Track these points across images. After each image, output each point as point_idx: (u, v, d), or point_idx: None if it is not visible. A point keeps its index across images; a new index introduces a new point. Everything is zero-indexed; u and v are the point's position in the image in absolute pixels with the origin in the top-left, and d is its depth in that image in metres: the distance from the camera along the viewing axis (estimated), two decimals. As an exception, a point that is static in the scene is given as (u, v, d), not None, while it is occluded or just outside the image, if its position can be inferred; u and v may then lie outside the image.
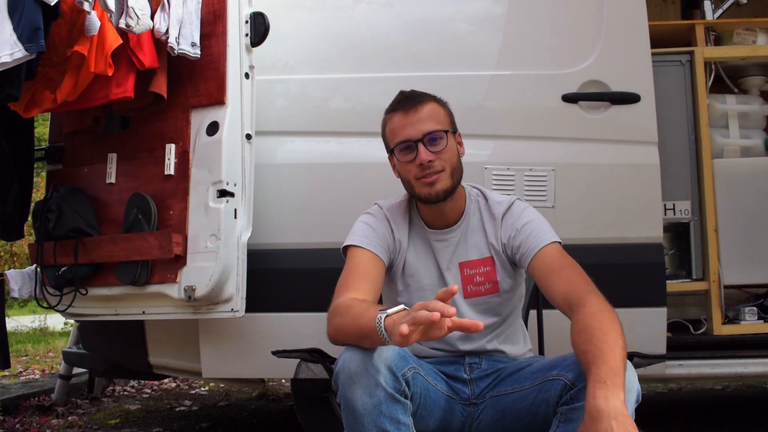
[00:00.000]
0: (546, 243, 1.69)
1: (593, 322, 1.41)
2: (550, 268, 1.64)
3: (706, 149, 2.74)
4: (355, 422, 1.40)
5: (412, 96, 1.76)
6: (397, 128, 1.73)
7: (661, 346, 2.40)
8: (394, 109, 1.76)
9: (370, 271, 1.70)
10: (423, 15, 2.55)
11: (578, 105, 2.44)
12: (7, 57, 1.94)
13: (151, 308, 2.33)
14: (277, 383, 4.27)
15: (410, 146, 1.71)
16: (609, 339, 1.36)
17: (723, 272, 2.72)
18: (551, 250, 1.68)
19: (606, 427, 1.23)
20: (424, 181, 1.70)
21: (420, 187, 1.72)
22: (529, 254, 1.69)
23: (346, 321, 1.48)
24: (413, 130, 1.70)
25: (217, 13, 2.26)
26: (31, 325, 7.84)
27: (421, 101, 1.74)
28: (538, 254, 1.68)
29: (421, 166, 1.69)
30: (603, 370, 1.30)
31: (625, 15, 2.49)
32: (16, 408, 3.64)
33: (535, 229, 1.72)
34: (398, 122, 1.73)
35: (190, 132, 2.28)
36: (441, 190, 1.70)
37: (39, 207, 2.50)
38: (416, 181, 1.72)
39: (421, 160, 1.69)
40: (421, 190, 1.72)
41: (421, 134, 1.69)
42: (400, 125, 1.72)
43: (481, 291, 1.77)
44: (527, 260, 1.70)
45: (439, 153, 1.70)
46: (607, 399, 1.26)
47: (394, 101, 1.78)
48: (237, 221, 2.21)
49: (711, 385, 4.26)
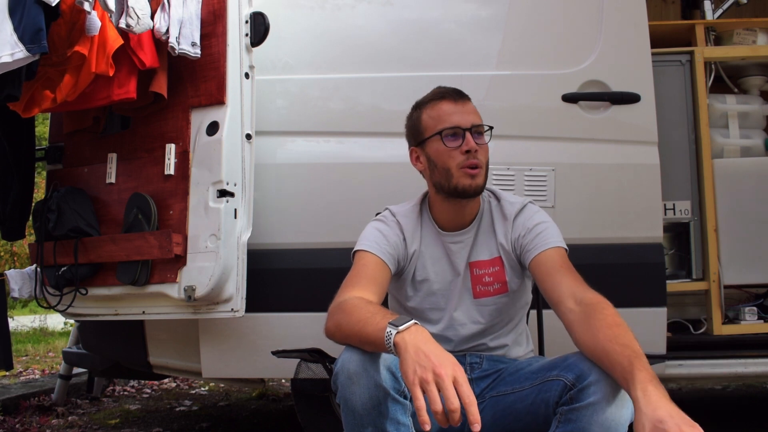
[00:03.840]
0: (553, 245, 1.68)
1: (621, 320, 1.42)
2: (554, 268, 1.63)
3: (706, 149, 2.74)
4: (354, 422, 1.40)
5: (459, 90, 1.78)
6: (445, 114, 1.73)
7: (661, 346, 2.40)
8: (441, 98, 1.76)
9: (378, 274, 1.69)
10: (423, 15, 2.55)
11: (578, 105, 2.44)
12: (7, 57, 1.94)
13: (151, 308, 2.33)
14: (277, 383, 4.27)
15: (458, 133, 1.71)
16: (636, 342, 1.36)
17: (723, 272, 2.72)
18: (557, 252, 1.67)
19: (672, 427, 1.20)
20: (468, 171, 1.69)
21: (461, 177, 1.70)
22: (533, 251, 1.69)
23: (350, 322, 1.46)
24: (463, 118, 1.71)
25: (217, 13, 2.26)
26: (31, 325, 7.84)
27: (468, 97, 1.77)
28: (543, 253, 1.67)
29: (467, 153, 1.69)
30: (649, 373, 1.29)
31: (625, 15, 2.49)
32: (16, 408, 3.65)
33: (545, 230, 1.72)
34: (447, 109, 1.73)
35: (190, 132, 2.28)
36: (480, 184, 1.72)
37: (39, 207, 2.50)
38: (458, 170, 1.70)
39: (469, 146, 1.69)
40: (463, 180, 1.70)
41: (470, 124, 1.71)
42: (450, 112, 1.73)
43: (490, 291, 1.77)
44: (531, 257, 1.69)
45: (482, 146, 1.72)
46: (666, 402, 1.24)
47: (438, 92, 1.78)
48: (237, 221, 2.21)
49: (711, 385, 4.26)
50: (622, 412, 1.38)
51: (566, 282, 1.58)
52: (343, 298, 1.57)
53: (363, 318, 1.44)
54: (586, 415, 1.37)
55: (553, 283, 1.60)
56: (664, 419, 1.20)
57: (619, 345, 1.35)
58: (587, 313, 1.47)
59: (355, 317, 1.46)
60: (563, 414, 1.41)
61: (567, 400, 1.41)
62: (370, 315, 1.43)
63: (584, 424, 1.37)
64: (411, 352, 1.31)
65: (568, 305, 1.53)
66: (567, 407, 1.41)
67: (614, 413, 1.37)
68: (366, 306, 1.49)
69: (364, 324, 1.42)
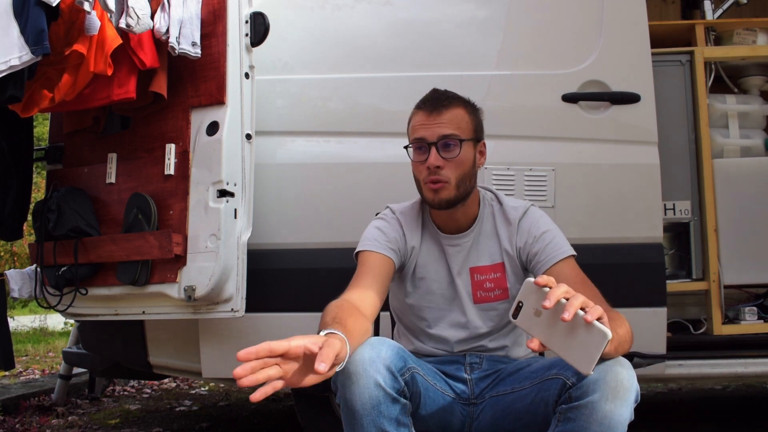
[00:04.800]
0: (565, 255, 1.69)
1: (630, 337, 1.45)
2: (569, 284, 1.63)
3: (706, 149, 2.74)
4: (354, 422, 1.40)
5: (440, 97, 1.73)
6: (416, 126, 1.73)
7: (661, 346, 2.40)
8: (419, 107, 1.75)
9: (378, 271, 1.69)
10: (423, 15, 2.55)
11: (578, 105, 2.44)
12: (16, 60, 1.95)
13: (151, 308, 2.33)
14: (277, 383, 4.26)
15: (423, 147, 1.70)
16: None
17: (723, 272, 2.72)
18: (569, 265, 1.68)
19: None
20: (429, 186, 1.70)
21: (426, 191, 1.72)
22: (545, 263, 1.68)
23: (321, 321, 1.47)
24: (430, 132, 1.69)
25: (217, 13, 2.26)
26: (31, 325, 7.85)
27: (448, 105, 1.71)
28: (556, 266, 1.67)
29: (428, 170, 1.69)
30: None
31: (625, 15, 2.49)
32: (16, 408, 3.65)
33: (553, 239, 1.71)
34: (419, 120, 1.72)
35: (190, 132, 2.28)
36: (444, 199, 1.70)
37: (39, 207, 2.50)
38: (423, 184, 1.72)
39: (429, 163, 1.68)
40: (427, 193, 1.72)
41: (436, 137, 1.68)
42: (420, 124, 1.71)
43: (490, 297, 1.76)
44: (543, 270, 1.68)
45: (451, 160, 1.68)
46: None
47: (422, 99, 1.76)
48: (237, 221, 2.21)
49: (711, 385, 4.26)
50: (622, 410, 1.38)
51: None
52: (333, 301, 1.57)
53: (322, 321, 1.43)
54: (585, 413, 1.37)
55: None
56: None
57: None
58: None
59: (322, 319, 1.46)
60: (563, 413, 1.41)
61: (566, 398, 1.41)
62: (320, 326, 1.42)
63: (583, 423, 1.37)
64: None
65: None
66: (566, 406, 1.41)
67: (614, 411, 1.37)
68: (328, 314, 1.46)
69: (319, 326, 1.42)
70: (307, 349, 1.23)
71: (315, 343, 1.24)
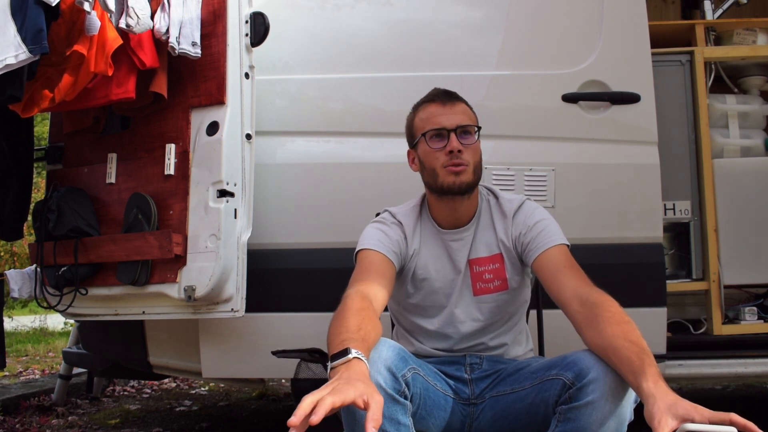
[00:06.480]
0: (556, 243, 1.70)
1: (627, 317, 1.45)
2: (558, 269, 1.64)
3: (706, 149, 2.74)
4: (354, 423, 1.40)
5: (448, 92, 1.81)
6: (431, 116, 1.76)
7: (661, 346, 2.40)
8: (430, 101, 1.80)
9: (382, 268, 1.71)
10: (423, 15, 2.55)
11: (578, 105, 2.44)
12: (12, 59, 1.95)
13: (151, 308, 2.33)
14: (277, 383, 4.27)
15: (442, 134, 1.74)
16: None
17: (723, 272, 2.72)
18: (561, 250, 1.69)
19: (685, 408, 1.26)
20: (451, 170, 1.72)
21: (445, 176, 1.73)
22: (537, 250, 1.70)
23: (332, 325, 1.46)
24: (448, 120, 1.74)
25: (217, 13, 2.26)
26: (31, 325, 7.84)
27: (458, 99, 1.80)
28: (546, 252, 1.69)
29: (450, 154, 1.71)
30: (657, 369, 1.33)
31: (625, 15, 2.49)
32: (16, 408, 3.65)
33: (546, 227, 1.73)
34: (434, 111, 1.77)
35: (190, 132, 2.28)
36: (465, 182, 1.72)
37: (39, 207, 2.50)
38: (442, 169, 1.73)
39: (452, 147, 1.71)
40: (447, 178, 1.73)
41: (455, 125, 1.74)
42: (436, 114, 1.76)
43: (490, 288, 1.77)
44: (534, 256, 1.70)
45: (469, 147, 1.73)
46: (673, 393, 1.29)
47: (429, 95, 1.82)
48: (237, 221, 2.21)
49: (711, 385, 4.26)
50: (622, 410, 1.38)
51: (570, 283, 1.59)
52: (347, 292, 1.58)
53: (338, 331, 1.43)
54: (585, 413, 1.37)
55: (558, 286, 1.62)
56: (677, 402, 1.26)
57: (628, 341, 1.37)
58: (593, 313, 1.48)
59: (336, 324, 1.46)
60: (562, 413, 1.41)
61: (566, 398, 1.42)
62: (343, 329, 1.42)
63: (583, 423, 1.37)
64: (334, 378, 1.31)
65: (574, 308, 1.55)
66: (566, 406, 1.41)
67: (613, 411, 1.37)
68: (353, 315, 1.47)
69: (337, 333, 1.42)
70: (355, 403, 1.25)
71: (361, 396, 1.25)
